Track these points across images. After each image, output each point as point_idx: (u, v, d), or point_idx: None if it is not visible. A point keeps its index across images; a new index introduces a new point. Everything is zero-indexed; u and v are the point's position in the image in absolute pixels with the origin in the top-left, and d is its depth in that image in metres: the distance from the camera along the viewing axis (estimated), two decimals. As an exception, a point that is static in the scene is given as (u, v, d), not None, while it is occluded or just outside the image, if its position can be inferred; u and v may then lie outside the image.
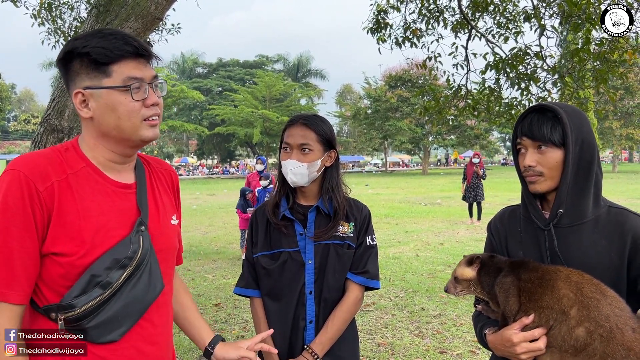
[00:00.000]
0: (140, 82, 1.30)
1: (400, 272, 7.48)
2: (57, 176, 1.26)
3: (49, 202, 1.23)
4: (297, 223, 1.95)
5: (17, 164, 1.25)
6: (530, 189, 1.57)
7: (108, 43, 1.28)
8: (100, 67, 1.28)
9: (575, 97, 5.80)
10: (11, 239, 1.20)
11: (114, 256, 1.28)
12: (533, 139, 1.52)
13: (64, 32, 6.61)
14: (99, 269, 1.26)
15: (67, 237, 1.25)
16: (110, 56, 1.28)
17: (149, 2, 3.23)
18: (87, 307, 1.25)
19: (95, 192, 1.31)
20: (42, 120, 3.30)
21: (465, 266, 1.61)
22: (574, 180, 1.50)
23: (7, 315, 1.22)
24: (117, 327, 1.30)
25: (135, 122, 1.31)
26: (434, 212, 15.26)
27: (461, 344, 4.62)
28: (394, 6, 6.60)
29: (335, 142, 2.01)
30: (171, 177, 1.59)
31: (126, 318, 1.31)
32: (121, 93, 1.29)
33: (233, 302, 6.09)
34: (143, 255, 1.33)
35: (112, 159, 1.37)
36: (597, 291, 1.37)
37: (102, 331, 1.27)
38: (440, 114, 6.62)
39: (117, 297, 1.29)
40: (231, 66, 57.96)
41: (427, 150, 48.95)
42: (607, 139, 42.49)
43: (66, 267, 1.25)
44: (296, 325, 1.91)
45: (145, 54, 1.33)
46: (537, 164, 1.52)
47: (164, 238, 1.45)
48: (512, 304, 1.46)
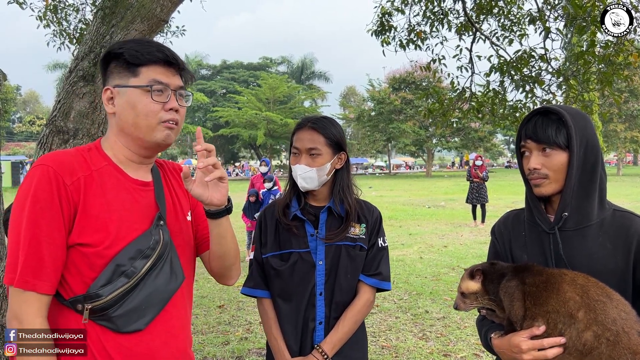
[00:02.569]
0: (164, 87, 1.39)
1: (404, 274, 7.47)
2: (83, 172, 1.35)
3: (75, 195, 1.31)
4: (308, 224, 1.94)
5: (46, 160, 1.33)
6: (535, 192, 1.56)
7: (142, 47, 1.39)
8: (130, 67, 1.39)
9: (580, 99, 5.78)
10: (40, 231, 1.27)
11: (138, 247, 1.35)
12: (538, 142, 1.52)
13: (69, 34, 6.63)
14: (123, 258, 1.32)
15: (93, 229, 1.32)
16: (141, 59, 1.38)
17: (154, 5, 3.24)
18: (112, 296, 1.31)
19: (117, 188, 1.39)
20: (47, 122, 3.31)
21: (468, 280, 1.59)
22: (579, 183, 1.49)
23: (36, 306, 1.27)
24: (142, 316, 1.36)
25: (151, 122, 1.38)
26: (437, 215, 15.23)
27: (465, 347, 4.60)
28: (398, 9, 6.59)
29: (345, 144, 2.00)
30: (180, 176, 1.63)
31: (150, 307, 1.38)
32: (143, 92, 1.37)
33: (237, 303, 6.09)
34: (164, 247, 1.40)
35: (130, 157, 1.44)
36: (603, 294, 1.36)
37: (128, 320, 1.33)
38: (445, 116, 6.60)
39: (141, 287, 1.35)
40: (235, 68, 58.01)
41: (430, 152, 48.87)
42: (612, 142, 42.33)
43: (92, 258, 1.31)
44: (306, 326, 1.91)
45: (175, 63, 1.42)
46: (542, 167, 1.51)
47: (181, 233, 1.52)
48: (517, 308, 1.45)
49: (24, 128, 64.92)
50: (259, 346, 4.70)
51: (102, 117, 3.29)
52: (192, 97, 1.52)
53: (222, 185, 1.43)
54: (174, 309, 1.45)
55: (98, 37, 3.35)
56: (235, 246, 1.58)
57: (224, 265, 1.59)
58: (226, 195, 1.46)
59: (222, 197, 1.44)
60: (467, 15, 6.14)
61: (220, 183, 1.43)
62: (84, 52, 3.35)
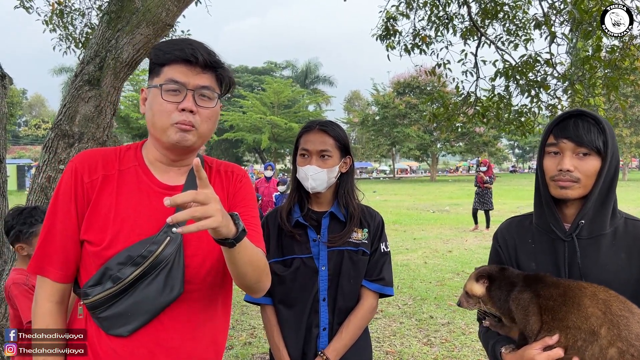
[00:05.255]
0: (180, 86, 1.33)
1: (409, 279, 7.44)
2: (105, 171, 1.38)
3: (90, 193, 1.36)
4: (310, 229, 1.94)
5: (76, 157, 1.42)
6: (557, 193, 1.49)
7: (166, 46, 1.36)
8: (155, 67, 1.38)
9: (586, 104, 5.76)
10: (57, 222, 1.36)
11: (129, 253, 1.32)
12: (578, 144, 1.46)
13: (75, 38, 6.66)
14: (112, 263, 1.32)
15: (98, 228, 1.34)
16: (162, 58, 1.35)
17: (160, 9, 3.25)
18: (98, 297, 1.32)
19: (136, 190, 1.38)
20: (53, 126, 3.32)
21: (474, 282, 1.56)
22: (599, 191, 1.47)
23: (47, 291, 1.37)
24: (125, 323, 1.33)
25: (164, 122, 1.34)
26: (442, 220, 15.19)
27: (470, 353, 4.57)
28: (403, 13, 6.60)
29: (350, 148, 2.01)
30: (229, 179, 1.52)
31: (136, 315, 1.33)
32: (158, 92, 1.34)
33: (240, 308, 6.08)
34: (163, 256, 1.33)
35: (159, 158, 1.43)
36: (625, 309, 1.33)
37: (111, 324, 1.33)
38: (449, 120, 6.60)
39: (129, 294, 1.32)
40: (240, 72, 58.12)
41: (435, 157, 48.82)
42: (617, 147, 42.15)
43: (92, 256, 1.35)
44: (309, 332, 1.89)
45: (194, 61, 1.33)
46: (575, 170, 1.46)
47: (201, 242, 1.39)
48: (534, 323, 1.40)
49: (29, 132, 65.28)
50: (262, 351, 4.68)
51: (107, 121, 3.30)
52: (217, 99, 1.40)
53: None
54: (171, 321, 1.37)
55: (104, 41, 3.37)
56: (253, 268, 1.35)
57: (244, 284, 1.40)
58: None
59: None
60: (472, 19, 6.14)
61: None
62: (89, 57, 3.36)
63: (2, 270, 3.45)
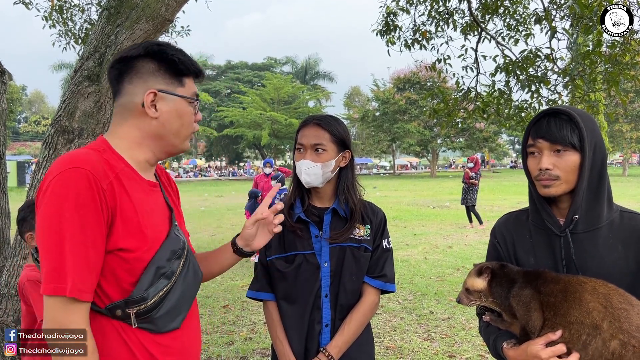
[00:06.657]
0: (197, 100, 1.47)
1: (409, 275, 7.46)
2: (112, 174, 1.31)
3: (110, 199, 1.26)
4: (312, 225, 1.93)
5: (78, 163, 1.24)
6: (543, 192, 1.52)
7: (185, 58, 1.42)
8: (177, 76, 1.41)
9: (586, 99, 5.76)
10: (86, 236, 1.20)
11: (171, 248, 1.37)
12: (552, 142, 1.48)
13: (74, 34, 6.66)
14: (161, 260, 1.34)
15: (130, 233, 1.30)
16: (189, 69, 1.43)
17: (159, 4, 3.24)
18: (156, 298, 1.32)
19: (138, 190, 1.38)
20: (52, 122, 3.32)
21: (475, 276, 1.56)
22: (588, 185, 1.48)
23: (83, 316, 1.22)
24: (178, 314, 1.39)
25: (189, 132, 1.46)
26: (442, 215, 15.20)
27: (470, 348, 4.58)
28: (403, 8, 6.59)
29: (350, 142, 1.99)
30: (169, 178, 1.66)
31: (184, 305, 1.41)
32: (188, 104, 1.43)
33: (241, 304, 6.09)
34: (186, 246, 1.44)
35: (149, 160, 1.44)
36: (625, 301, 1.35)
37: (167, 320, 1.36)
38: (450, 116, 6.58)
39: (177, 286, 1.37)
40: (240, 68, 58.07)
41: (435, 153, 48.77)
42: (617, 142, 42.13)
43: (132, 263, 1.29)
44: (312, 329, 1.89)
45: (200, 77, 1.49)
46: (554, 167, 1.48)
47: (185, 233, 1.53)
48: (536, 319, 1.42)
49: (29, 128, 65.22)
50: (263, 346, 4.69)
51: (106, 116, 3.29)
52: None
53: (268, 235, 1.65)
54: (194, 306, 1.50)
55: (103, 37, 3.36)
56: None
57: (208, 279, 1.74)
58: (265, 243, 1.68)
59: (264, 243, 1.66)
60: (472, 14, 6.12)
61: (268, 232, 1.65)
62: (89, 52, 3.36)
63: (2, 267, 3.46)
